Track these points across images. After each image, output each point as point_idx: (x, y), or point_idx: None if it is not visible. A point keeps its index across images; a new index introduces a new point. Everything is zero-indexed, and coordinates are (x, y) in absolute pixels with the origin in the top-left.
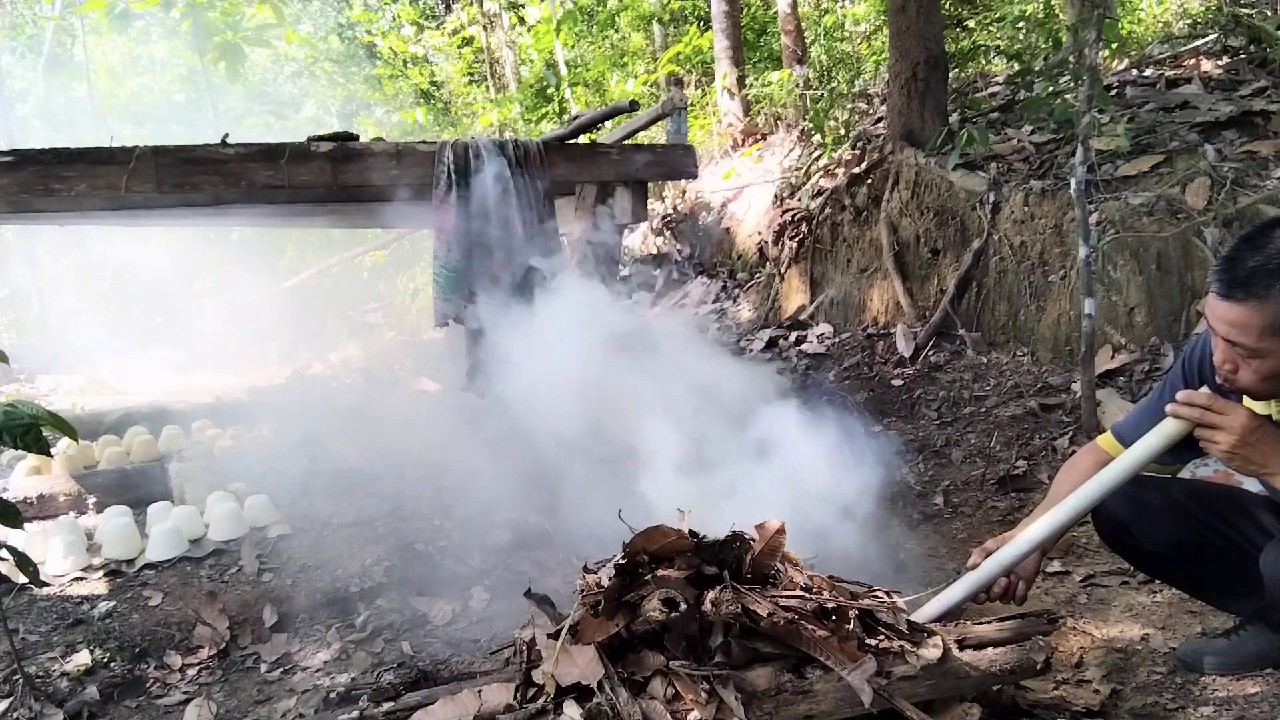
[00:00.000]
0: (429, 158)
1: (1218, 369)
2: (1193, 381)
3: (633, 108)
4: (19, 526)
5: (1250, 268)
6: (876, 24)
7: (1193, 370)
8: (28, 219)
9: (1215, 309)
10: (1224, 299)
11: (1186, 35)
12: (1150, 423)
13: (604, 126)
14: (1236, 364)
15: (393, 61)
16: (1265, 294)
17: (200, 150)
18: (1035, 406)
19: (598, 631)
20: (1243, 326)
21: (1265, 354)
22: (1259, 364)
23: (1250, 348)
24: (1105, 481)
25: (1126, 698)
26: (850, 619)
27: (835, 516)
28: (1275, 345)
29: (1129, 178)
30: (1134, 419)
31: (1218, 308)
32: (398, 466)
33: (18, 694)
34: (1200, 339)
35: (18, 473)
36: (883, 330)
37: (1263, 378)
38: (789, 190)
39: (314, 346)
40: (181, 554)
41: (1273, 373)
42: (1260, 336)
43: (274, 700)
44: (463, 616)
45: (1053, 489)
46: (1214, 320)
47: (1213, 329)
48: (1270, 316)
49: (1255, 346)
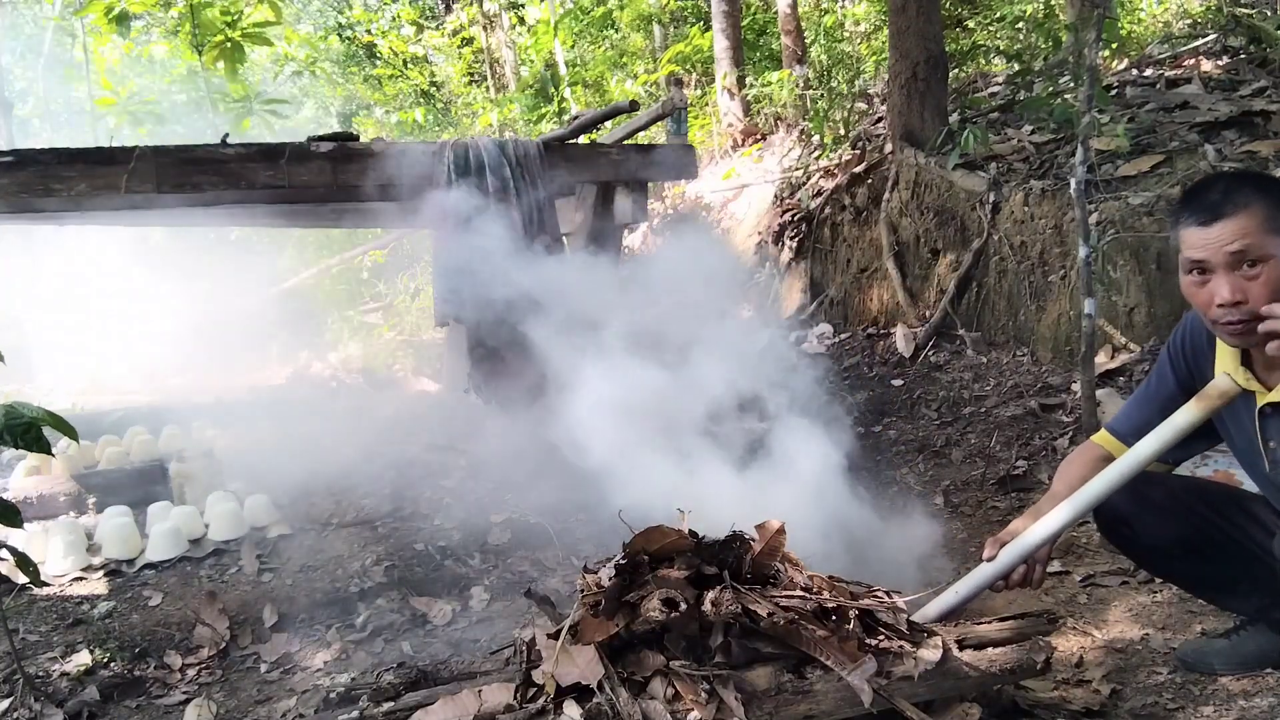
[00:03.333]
0: (429, 158)
1: (1227, 313)
2: (1180, 367)
3: (633, 108)
4: (19, 526)
5: (1221, 189)
6: (876, 24)
7: (1178, 354)
8: (28, 219)
9: (1206, 238)
10: (1212, 222)
11: (1186, 35)
12: (1142, 415)
13: (604, 126)
14: (1245, 290)
15: (392, 61)
16: (1247, 202)
17: (200, 150)
18: (1035, 406)
19: (598, 631)
20: (1243, 232)
21: (1272, 254)
22: (1268, 270)
23: (1257, 253)
24: (1120, 471)
25: (1126, 698)
26: (850, 619)
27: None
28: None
29: (1129, 178)
30: (1126, 414)
31: (1208, 235)
32: (398, 466)
33: (18, 694)
34: (1184, 324)
35: (18, 473)
36: (883, 330)
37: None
38: (789, 190)
39: (314, 346)
40: (181, 554)
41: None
42: (1262, 235)
43: (274, 700)
44: (463, 616)
45: (1052, 488)
46: (1208, 250)
47: (1205, 269)
48: (1261, 217)
49: (1262, 248)
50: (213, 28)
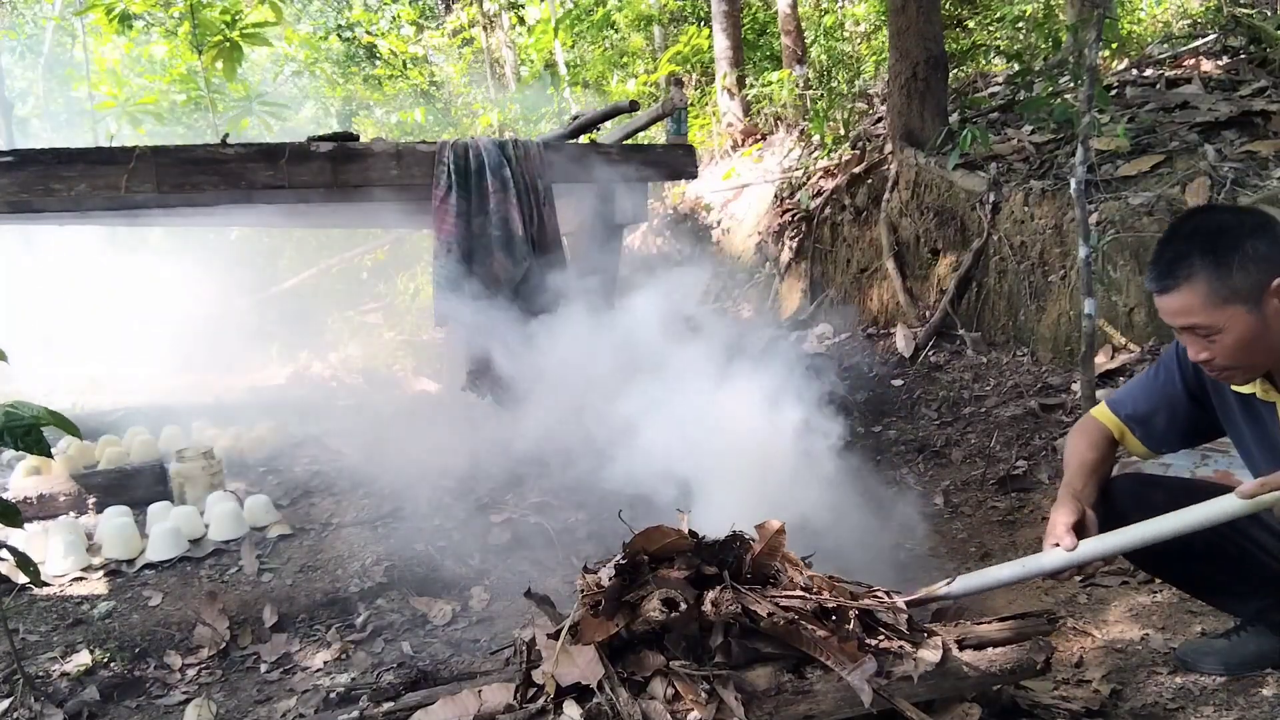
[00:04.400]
0: (429, 158)
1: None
2: (1189, 373)
3: (633, 108)
4: (19, 526)
5: (1169, 258)
6: (876, 24)
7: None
8: (28, 219)
9: (1162, 308)
10: (1162, 294)
11: (1186, 35)
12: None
13: (604, 126)
14: (1208, 353)
15: (392, 62)
16: (1190, 273)
17: (200, 150)
18: (1035, 406)
19: (598, 631)
20: (1187, 309)
21: (1221, 326)
22: (1222, 338)
23: (1205, 325)
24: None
25: (1126, 698)
26: (850, 619)
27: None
28: (1224, 314)
29: (1129, 178)
30: (1131, 397)
31: (1163, 305)
32: (397, 466)
33: (18, 694)
34: None
35: (18, 473)
36: (883, 330)
37: (1235, 350)
38: (789, 190)
39: (314, 346)
40: (181, 554)
41: (1240, 342)
42: (1206, 311)
43: (274, 700)
44: (463, 616)
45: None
46: (1168, 318)
47: (1174, 329)
48: (1204, 291)
49: (1209, 323)
50: (212, 28)
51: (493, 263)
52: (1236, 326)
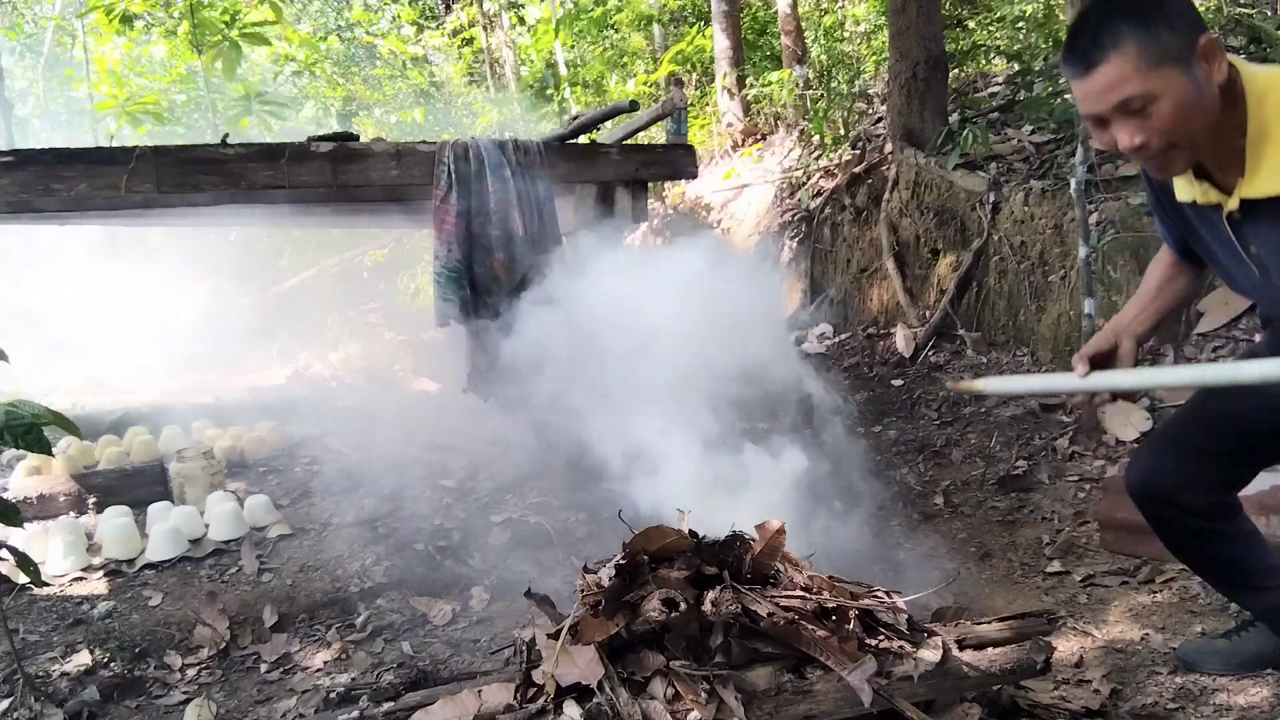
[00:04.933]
0: (429, 158)
1: (1135, 159)
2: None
3: (633, 108)
4: (19, 526)
5: (1092, 31)
6: (876, 24)
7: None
8: (28, 219)
9: (1090, 89)
10: (1090, 71)
11: None
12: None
13: (604, 126)
14: (1143, 134)
15: (392, 62)
16: (1117, 40)
17: (200, 150)
18: (1035, 406)
19: (598, 631)
20: (1121, 80)
21: (1157, 92)
22: (1158, 108)
23: (1141, 94)
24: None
25: (1126, 698)
26: (850, 619)
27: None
28: (1159, 78)
29: (1129, 178)
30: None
31: (1091, 85)
32: (398, 466)
33: (18, 694)
34: None
35: (18, 473)
36: (883, 330)
37: (1173, 119)
38: (789, 190)
39: (314, 346)
40: (181, 554)
41: (1178, 108)
42: (1141, 77)
43: (274, 700)
44: (463, 616)
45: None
46: (1095, 102)
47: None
48: (1135, 55)
49: (1144, 89)
50: (212, 27)
51: (493, 263)
52: (1173, 89)
